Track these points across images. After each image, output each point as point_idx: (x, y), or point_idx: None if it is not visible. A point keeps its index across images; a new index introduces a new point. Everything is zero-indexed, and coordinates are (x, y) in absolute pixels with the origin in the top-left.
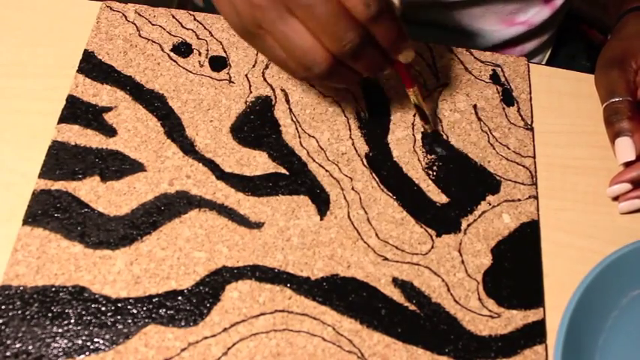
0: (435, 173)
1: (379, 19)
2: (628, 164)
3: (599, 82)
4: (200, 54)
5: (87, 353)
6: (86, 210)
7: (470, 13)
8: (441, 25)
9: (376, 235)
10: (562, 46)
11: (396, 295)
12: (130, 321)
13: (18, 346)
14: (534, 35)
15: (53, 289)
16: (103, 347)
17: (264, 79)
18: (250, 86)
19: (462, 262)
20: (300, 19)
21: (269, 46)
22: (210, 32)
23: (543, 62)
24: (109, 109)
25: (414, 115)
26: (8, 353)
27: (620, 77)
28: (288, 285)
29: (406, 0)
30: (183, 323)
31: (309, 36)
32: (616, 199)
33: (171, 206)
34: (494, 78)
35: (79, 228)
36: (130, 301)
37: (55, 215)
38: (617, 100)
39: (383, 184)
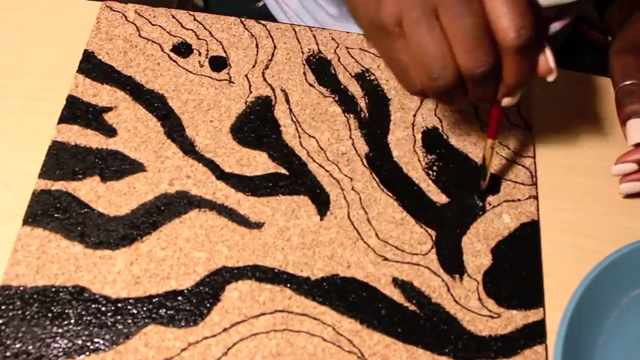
0: (435, 173)
1: (522, 52)
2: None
3: (615, 65)
4: (200, 54)
5: (87, 353)
6: (86, 210)
7: None
8: None
9: (376, 235)
10: (562, 47)
11: (396, 295)
12: (130, 321)
13: (18, 346)
14: None
15: (53, 289)
16: (103, 347)
17: (264, 79)
18: (250, 86)
19: (462, 262)
20: (443, 25)
21: (397, 48)
22: (210, 32)
23: None
24: (109, 109)
25: (414, 115)
26: (8, 353)
27: (635, 61)
28: (288, 285)
29: None
30: (183, 323)
31: (446, 45)
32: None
33: (171, 206)
34: None
35: (79, 228)
36: (130, 301)
37: (55, 215)
38: (630, 82)
39: (383, 184)
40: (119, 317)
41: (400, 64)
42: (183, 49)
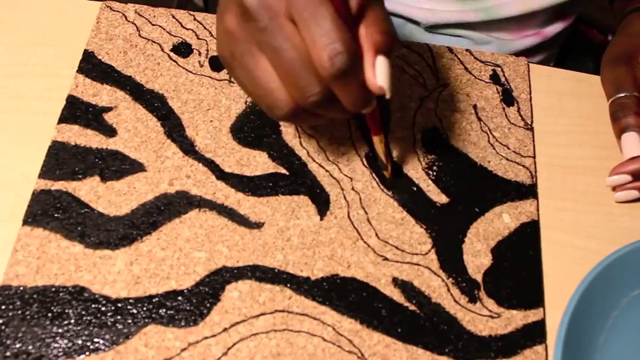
0: (435, 173)
1: (343, 78)
2: None
3: (606, 78)
4: (200, 54)
5: (87, 353)
6: (86, 210)
7: (485, 28)
8: (452, 35)
9: (376, 235)
10: (562, 46)
11: (396, 295)
12: (130, 321)
13: (18, 346)
14: (545, 47)
15: (53, 289)
16: (103, 347)
17: None
18: None
19: (462, 262)
20: (268, 59)
21: (239, 78)
22: (210, 32)
23: None
24: (109, 109)
25: (414, 115)
26: (8, 353)
27: (627, 73)
28: (288, 285)
29: (427, 22)
30: (183, 323)
31: (275, 77)
32: (614, 191)
33: (171, 206)
34: (494, 78)
35: (79, 228)
36: (130, 301)
37: (55, 215)
38: (623, 95)
39: (383, 184)
40: (119, 317)
41: (247, 91)
42: (183, 49)
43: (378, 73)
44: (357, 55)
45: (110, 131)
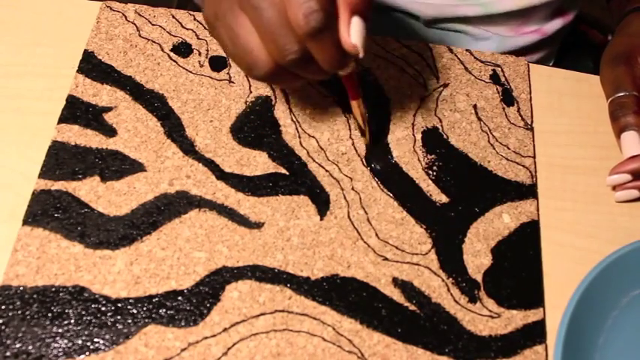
0: (435, 173)
1: (318, 36)
2: None
3: (605, 78)
4: (200, 54)
5: (87, 353)
6: (86, 210)
7: (483, 23)
8: (450, 30)
9: (376, 235)
10: (562, 46)
11: (396, 295)
12: (130, 321)
13: (18, 346)
14: (545, 45)
15: (53, 289)
16: (103, 347)
17: None
18: (250, 86)
19: (462, 262)
20: (249, 18)
21: (221, 38)
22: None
23: None
24: (109, 109)
25: (414, 115)
26: (8, 353)
27: (626, 72)
28: (288, 285)
29: (425, 16)
30: (183, 323)
31: (256, 37)
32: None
33: (171, 206)
34: (494, 78)
35: (79, 228)
36: (130, 301)
37: (55, 215)
38: (622, 94)
39: (383, 184)
40: (119, 317)
41: (228, 52)
42: (183, 49)
43: (352, 32)
44: (332, 14)
45: (110, 131)
